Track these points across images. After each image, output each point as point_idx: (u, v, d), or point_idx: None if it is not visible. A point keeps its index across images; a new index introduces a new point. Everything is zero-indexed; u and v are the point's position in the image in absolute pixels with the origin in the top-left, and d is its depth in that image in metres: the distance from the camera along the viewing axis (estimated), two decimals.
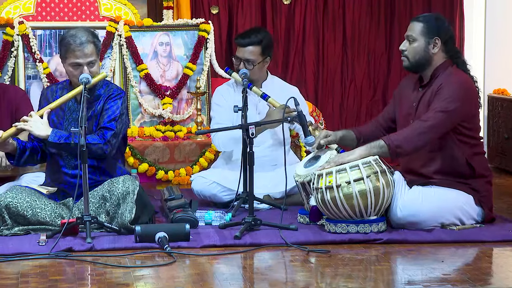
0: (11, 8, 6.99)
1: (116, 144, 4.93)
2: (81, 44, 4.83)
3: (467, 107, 4.81)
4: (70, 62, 4.86)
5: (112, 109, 4.92)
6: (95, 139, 4.81)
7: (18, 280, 3.95)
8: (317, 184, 4.72)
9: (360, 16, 7.82)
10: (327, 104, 7.83)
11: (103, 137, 4.83)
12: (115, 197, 4.74)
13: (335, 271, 4.09)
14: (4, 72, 6.72)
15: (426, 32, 4.85)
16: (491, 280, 4.01)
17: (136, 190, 4.76)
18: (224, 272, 4.15)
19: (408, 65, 4.92)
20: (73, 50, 4.84)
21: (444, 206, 4.78)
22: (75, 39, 4.84)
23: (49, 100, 4.97)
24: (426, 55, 4.87)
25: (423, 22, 4.87)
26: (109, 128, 4.86)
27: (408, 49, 4.89)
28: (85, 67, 4.84)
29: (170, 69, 7.16)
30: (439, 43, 4.86)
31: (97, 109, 4.93)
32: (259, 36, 5.57)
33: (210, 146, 6.77)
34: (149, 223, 4.89)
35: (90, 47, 4.86)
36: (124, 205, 4.72)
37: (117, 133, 4.89)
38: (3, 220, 4.76)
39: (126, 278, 3.97)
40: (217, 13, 7.66)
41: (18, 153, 4.93)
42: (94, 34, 4.95)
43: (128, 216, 4.68)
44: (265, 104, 5.52)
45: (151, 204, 5.03)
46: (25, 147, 4.95)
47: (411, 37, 4.89)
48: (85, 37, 4.86)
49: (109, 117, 4.89)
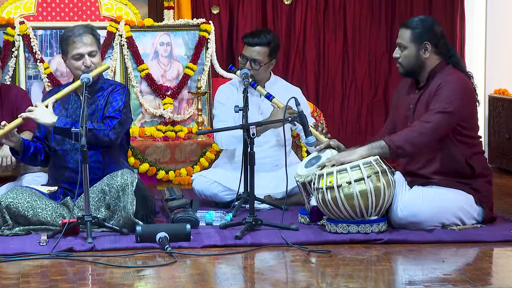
0: (12, 8, 7.00)
1: (121, 133, 4.98)
2: (79, 35, 4.96)
3: (466, 107, 4.82)
4: (72, 55, 4.96)
5: (116, 101, 4.99)
6: (100, 126, 4.87)
7: (19, 280, 3.95)
8: (317, 184, 4.73)
9: (361, 16, 7.82)
10: (328, 105, 7.83)
11: (109, 124, 4.89)
12: (115, 190, 4.75)
13: (336, 271, 4.09)
14: (5, 72, 6.72)
15: (415, 39, 4.85)
16: (492, 280, 4.01)
17: (134, 182, 4.76)
18: (225, 272, 4.15)
19: (403, 72, 4.94)
20: (73, 42, 4.95)
21: (444, 206, 4.78)
22: (74, 31, 4.99)
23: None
24: (418, 61, 4.87)
25: (410, 28, 4.88)
26: (114, 117, 4.93)
27: (401, 56, 4.91)
28: (86, 56, 4.94)
29: (171, 69, 7.16)
30: (429, 47, 4.87)
31: (101, 103, 5.01)
32: (268, 37, 5.57)
33: (211, 146, 6.77)
34: (149, 216, 4.90)
35: (89, 37, 4.98)
36: (125, 197, 4.72)
37: (121, 122, 4.95)
38: (4, 220, 4.76)
39: (127, 278, 3.98)
40: (218, 13, 7.66)
41: (23, 148, 4.97)
42: (92, 27, 5.08)
43: (131, 209, 4.69)
44: (267, 105, 5.52)
45: (150, 197, 5.03)
46: (29, 144, 5.00)
47: (401, 45, 4.91)
48: (83, 29, 5.00)
49: (113, 108, 4.97)
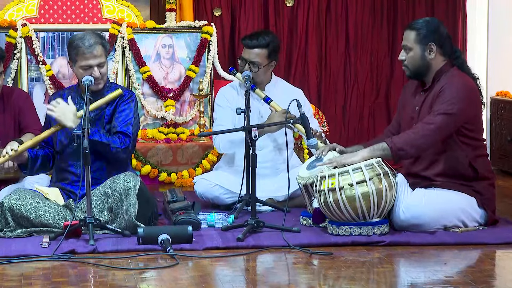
0: (14, 11, 7.00)
1: (132, 150, 5.03)
2: (90, 46, 4.91)
3: (469, 108, 4.81)
4: (81, 65, 4.93)
5: (126, 112, 4.99)
6: (115, 142, 4.88)
7: (21, 282, 3.95)
8: (319, 186, 4.72)
9: (363, 18, 7.83)
10: (330, 106, 7.83)
11: (124, 142, 4.90)
12: (117, 193, 4.75)
13: (338, 273, 4.08)
14: (7, 75, 6.72)
15: (420, 40, 4.86)
16: (494, 282, 4.00)
17: (137, 185, 4.77)
18: (227, 274, 4.15)
19: (410, 74, 4.94)
20: (83, 53, 4.91)
21: (447, 209, 4.78)
22: (84, 41, 4.92)
23: None
24: (424, 62, 4.87)
25: (415, 29, 4.88)
26: (128, 135, 4.93)
27: (406, 58, 4.91)
28: (95, 68, 4.92)
29: (173, 71, 7.16)
30: (434, 48, 4.86)
31: (109, 109, 4.99)
32: (267, 39, 5.55)
33: (213, 148, 6.77)
34: (151, 218, 4.90)
35: (99, 49, 4.95)
36: (127, 200, 4.73)
37: (133, 139, 4.99)
38: (6, 222, 4.77)
39: (128, 280, 3.98)
40: (220, 15, 7.66)
41: (30, 163, 4.99)
42: (101, 36, 5.05)
43: (133, 212, 4.70)
44: (267, 109, 5.50)
45: (153, 199, 5.03)
46: (36, 155, 5.02)
47: (406, 47, 4.91)
48: (94, 39, 4.94)
49: (124, 122, 4.96)
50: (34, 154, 5.01)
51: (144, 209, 4.80)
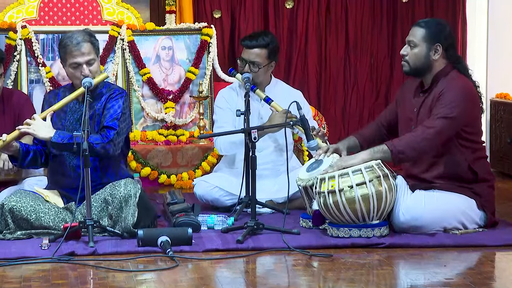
0: (14, 13, 7.01)
1: (120, 143, 4.95)
2: (77, 43, 4.91)
3: (469, 112, 4.81)
4: (70, 63, 4.93)
5: (114, 108, 4.96)
6: (97, 138, 4.84)
7: (21, 284, 3.95)
8: (319, 188, 4.72)
9: (363, 19, 7.83)
10: (329, 108, 7.84)
11: (106, 136, 4.86)
12: (117, 200, 4.75)
13: (338, 275, 4.08)
14: (7, 76, 6.73)
15: (428, 38, 4.84)
16: (494, 284, 4.00)
17: (138, 193, 4.76)
18: (227, 276, 4.15)
19: (408, 70, 4.91)
20: (71, 51, 4.91)
21: (446, 211, 4.77)
22: (72, 39, 4.93)
23: (51, 104, 4.99)
24: (427, 61, 4.86)
25: (425, 27, 4.86)
26: (112, 127, 4.89)
27: (409, 54, 4.89)
28: (84, 65, 4.91)
29: (173, 73, 7.17)
30: (440, 49, 4.86)
31: (99, 109, 4.97)
32: (266, 39, 5.56)
33: (213, 150, 6.77)
34: (151, 226, 4.89)
35: (87, 46, 4.93)
36: (127, 209, 4.72)
37: (120, 132, 4.92)
38: (6, 224, 4.76)
39: (128, 282, 3.98)
40: (220, 17, 7.67)
41: (21, 155, 4.95)
42: (90, 33, 5.03)
43: (131, 220, 4.69)
44: (267, 110, 5.51)
45: (153, 207, 5.03)
46: (28, 149, 4.98)
47: (412, 43, 4.88)
48: (81, 37, 4.94)
49: (111, 116, 4.93)
50: (26, 148, 4.98)
51: (143, 218, 4.80)
